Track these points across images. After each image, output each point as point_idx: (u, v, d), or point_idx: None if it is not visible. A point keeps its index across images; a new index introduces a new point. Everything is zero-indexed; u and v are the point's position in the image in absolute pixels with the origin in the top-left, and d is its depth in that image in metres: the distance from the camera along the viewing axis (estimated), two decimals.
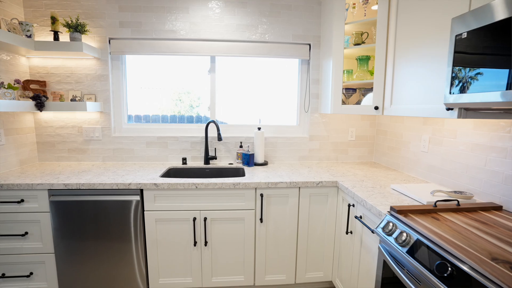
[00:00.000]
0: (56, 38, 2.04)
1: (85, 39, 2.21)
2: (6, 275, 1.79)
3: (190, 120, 2.50)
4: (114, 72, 2.31)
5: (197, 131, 2.45)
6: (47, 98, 2.05)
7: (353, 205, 1.69)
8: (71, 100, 2.12)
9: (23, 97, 2.01)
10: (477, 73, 1.03)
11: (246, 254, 1.91)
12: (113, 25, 2.22)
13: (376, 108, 1.91)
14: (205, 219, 1.82)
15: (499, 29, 0.95)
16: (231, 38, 2.30)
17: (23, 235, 1.74)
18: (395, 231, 1.21)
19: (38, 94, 1.99)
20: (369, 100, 2.05)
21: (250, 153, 2.26)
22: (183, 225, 1.83)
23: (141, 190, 1.79)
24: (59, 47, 1.97)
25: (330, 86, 2.10)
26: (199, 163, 2.38)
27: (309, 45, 2.37)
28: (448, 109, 1.28)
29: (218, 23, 2.27)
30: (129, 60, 2.37)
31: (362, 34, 2.05)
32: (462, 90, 1.10)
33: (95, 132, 2.31)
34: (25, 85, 2.08)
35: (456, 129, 1.63)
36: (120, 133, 2.39)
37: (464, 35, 1.09)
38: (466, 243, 0.98)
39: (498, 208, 1.32)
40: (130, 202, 1.77)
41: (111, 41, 2.24)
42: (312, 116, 2.46)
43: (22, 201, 1.72)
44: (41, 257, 1.79)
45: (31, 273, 1.80)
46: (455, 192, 1.50)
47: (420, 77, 1.52)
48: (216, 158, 2.38)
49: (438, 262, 0.96)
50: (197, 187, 1.78)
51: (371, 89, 2.08)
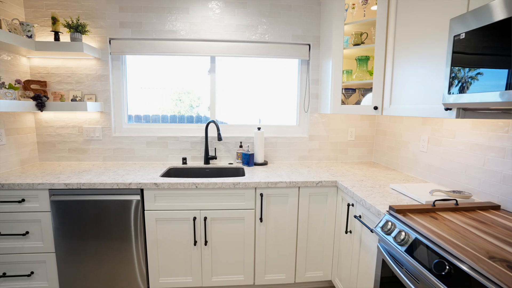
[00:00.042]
0: (57, 38, 2.05)
1: (86, 39, 2.22)
2: (7, 274, 1.80)
3: (190, 120, 2.51)
4: (114, 72, 2.32)
5: (197, 131, 2.46)
6: (47, 98, 2.06)
7: (353, 205, 1.70)
8: (72, 100, 2.13)
9: (24, 97, 2.02)
10: (477, 73, 1.04)
11: (246, 253, 1.92)
12: (114, 26, 2.22)
13: (376, 108, 1.92)
14: (205, 218, 1.83)
15: (498, 29, 0.96)
16: (231, 38, 2.31)
17: (24, 234, 1.75)
18: (394, 230, 1.22)
19: (38, 94, 2.00)
20: (368, 100, 2.06)
21: (250, 153, 2.27)
22: (183, 225, 1.84)
23: (142, 190, 1.80)
24: (59, 48, 1.98)
25: (330, 86, 2.11)
26: (199, 163, 2.39)
27: (309, 45, 2.38)
28: (446, 109, 1.29)
29: (218, 23, 2.28)
30: (129, 60, 2.38)
31: (361, 34, 2.06)
32: (462, 90, 1.10)
33: (95, 132, 2.31)
34: (26, 85, 2.09)
35: (455, 129, 1.64)
36: (121, 133, 2.40)
37: (462, 36, 1.10)
38: (464, 242, 0.99)
39: (496, 208, 1.33)
40: (130, 201, 1.78)
41: (111, 41, 2.25)
42: (312, 116, 2.47)
43: (23, 200, 1.73)
44: (41, 256, 1.80)
45: (32, 272, 1.81)
46: (453, 191, 1.51)
47: (419, 77, 1.53)
48: (216, 158, 2.39)
49: (436, 261, 0.97)
50: (197, 186, 1.79)
51: (370, 89, 2.08)
